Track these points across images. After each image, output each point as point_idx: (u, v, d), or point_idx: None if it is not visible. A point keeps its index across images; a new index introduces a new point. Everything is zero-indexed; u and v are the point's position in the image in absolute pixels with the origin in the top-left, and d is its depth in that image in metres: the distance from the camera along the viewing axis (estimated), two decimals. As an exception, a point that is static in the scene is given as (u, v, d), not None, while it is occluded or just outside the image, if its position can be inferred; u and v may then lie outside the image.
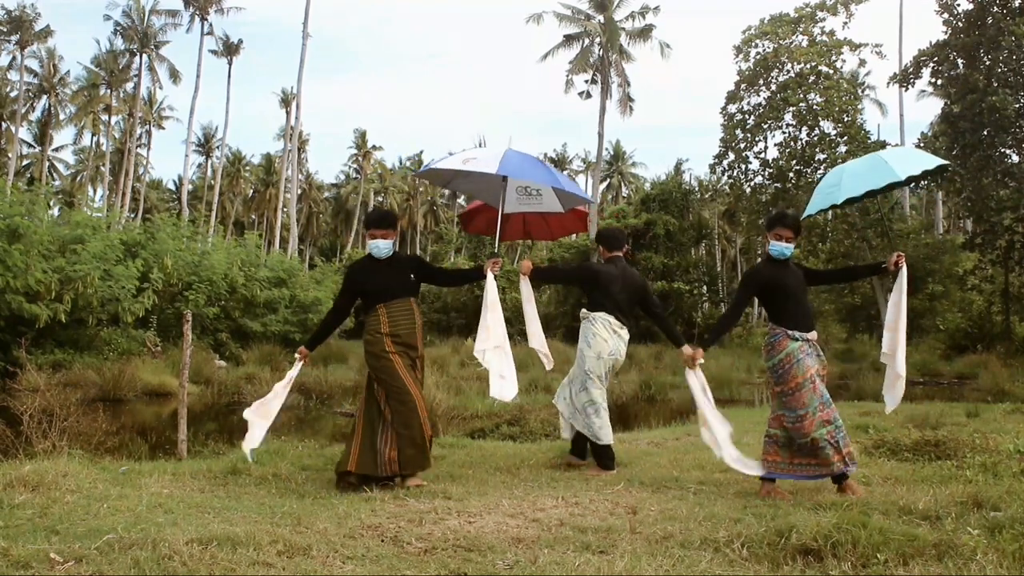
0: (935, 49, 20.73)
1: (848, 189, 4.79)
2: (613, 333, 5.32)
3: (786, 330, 4.50)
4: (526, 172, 5.09)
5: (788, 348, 4.46)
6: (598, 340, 5.29)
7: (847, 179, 4.86)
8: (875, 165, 4.88)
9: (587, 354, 5.30)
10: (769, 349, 4.57)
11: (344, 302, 5.13)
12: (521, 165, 5.05)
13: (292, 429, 9.65)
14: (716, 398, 5.03)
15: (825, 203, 4.98)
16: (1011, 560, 2.99)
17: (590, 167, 57.72)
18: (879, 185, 4.75)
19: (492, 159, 4.94)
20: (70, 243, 14.49)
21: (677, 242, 30.28)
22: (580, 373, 5.34)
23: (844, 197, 4.81)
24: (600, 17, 34.52)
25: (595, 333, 5.31)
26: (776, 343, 4.52)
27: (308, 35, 34.11)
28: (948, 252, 23.70)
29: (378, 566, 3.06)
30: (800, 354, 4.45)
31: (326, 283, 22.50)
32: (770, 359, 4.55)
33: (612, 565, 3.05)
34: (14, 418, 6.35)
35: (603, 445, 5.24)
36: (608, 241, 5.59)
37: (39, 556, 2.96)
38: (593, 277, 5.47)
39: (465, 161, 5.01)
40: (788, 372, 4.44)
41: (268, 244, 42.80)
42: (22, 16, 40.67)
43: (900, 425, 7.16)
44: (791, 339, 4.48)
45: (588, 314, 5.39)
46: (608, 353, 5.30)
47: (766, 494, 4.39)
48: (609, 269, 5.43)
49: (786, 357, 4.46)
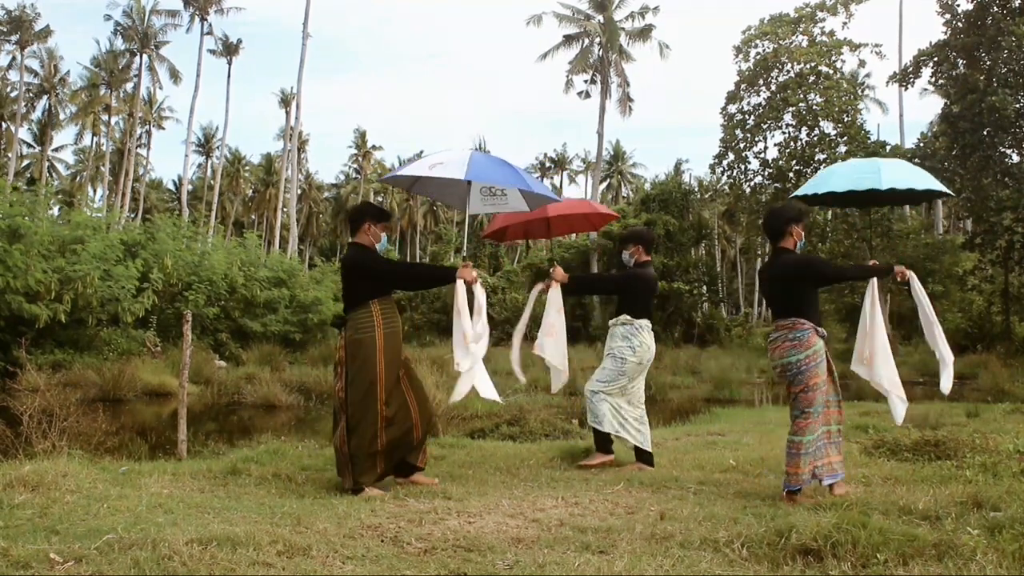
0: (935, 49, 20.76)
1: (831, 184, 4.79)
2: (653, 339, 5.43)
3: (815, 326, 4.38)
4: (492, 175, 4.99)
5: (816, 345, 4.35)
6: (644, 348, 5.33)
7: (837, 173, 4.87)
8: (867, 168, 4.85)
9: (630, 360, 5.32)
10: (794, 344, 4.35)
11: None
12: (487, 168, 4.97)
13: (292, 429, 9.66)
14: (716, 398, 5.03)
15: (809, 190, 4.96)
16: (1011, 560, 2.99)
17: (590, 167, 57.72)
18: (860, 187, 4.71)
19: (459, 164, 4.82)
20: (70, 243, 14.49)
21: (677, 242, 30.27)
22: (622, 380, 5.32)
23: (825, 190, 4.79)
24: (600, 17, 34.52)
25: (642, 341, 5.34)
26: (805, 339, 4.34)
27: (308, 35, 34.15)
28: (948, 252, 23.71)
29: (378, 566, 3.06)
30: (824, 353, 4.37)
31: (326, 283, 22.45)
32: (792, 354, 4.34)
33: (612, 565, 3.05)
34: (14, 418, 6.34)
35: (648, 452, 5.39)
36: (649, 243, 5.62)
37: (39, 556, 2.96)
38: (645, 285, 5.48)
39: (431, 167, 4.88)
40: (811, 369, 4.31)
41: (268, 244, 42.79)
42: (22, 16, 40.68)
43: (900, 425, 7.16)
44: (819, 336, 4.38)
45: (632, 321, 5.37)
46: (648, 359, 5.40)
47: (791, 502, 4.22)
48: (652, 274, 5.53)
49: (813, 354, 4.33)
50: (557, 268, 5.38)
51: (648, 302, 5.45)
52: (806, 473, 4.27)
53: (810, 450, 4.29)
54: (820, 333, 4.40)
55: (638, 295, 5.42)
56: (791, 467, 4.29)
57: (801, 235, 4.58)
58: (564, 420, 8.69)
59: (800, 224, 4.57)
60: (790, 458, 4.31)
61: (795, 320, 4.39)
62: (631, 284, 5.55)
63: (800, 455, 4.28)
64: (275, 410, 11.98)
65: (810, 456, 4.29)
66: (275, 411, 11.92)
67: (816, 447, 4.33)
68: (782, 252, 4.58)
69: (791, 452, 4.32)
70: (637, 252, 5.54)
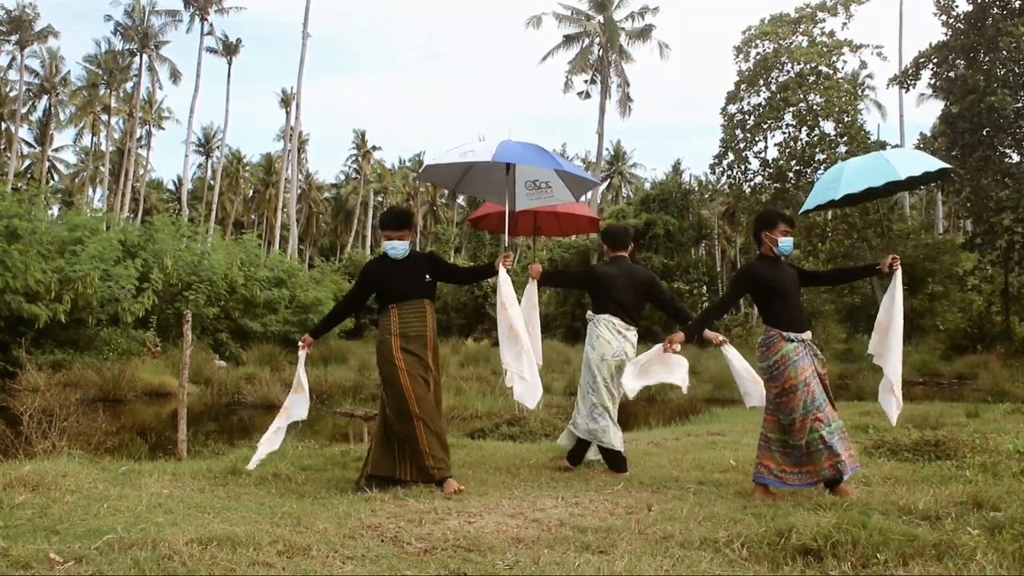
0: (935, 50, 20.77)
1: (848, 185, 4.75)
2: (617, 334, 5.29)
3: (780, 331, 4.45)
4: (526, 157, 4.99)
5: (783, 350, 4.41)
6: (601, 342, 5.27)
7: (847, 175, 4.82)
8: (876, 163, 4.84)
9: (591, 356, 5.28)
10: (764, 350, 4.50)
11: (355, 294, 5.09)
12: (521, 152, 4.98)
13: (291, 429, 9.65)
14: (716, 398, 5.04)
15: (824, 198, 4.91)
16: (1011, 560, 2.98)
17: (590, 167, 57.68)
18: (879, 183, 4.71)
19: (487, 148, 4.90)
20: (69, 244, 14.49)
21: (677, 242, 30.31)
22: (587, 376, 5.31)
23: (843, 193, 4.76)
24: (600, 17, 34.54)
25: (598, 335, 5.28)
26: (771, 345, 4.46)
27: (308, 35, 34.14)
28: (948, 252, 23.70)
29: (378, 566, 3.06)
30: (795, 356, 4.40)
31: (326, 283, 22.50)
32: (765, 360, 4.50)
33: (612, 565, 3.05)
34: (14, 418, 6.35)
35: (613, 450, 5.21)
36: (612, 240, 5.55)
37: (39, 556, 2.96)
38: (594, 280, 5.46)
39: (464, 153, 4.95)
40: (783, 374, 4.39)
41: (268, 244, 42.82)
42: (22, 16, 40.68)
43: (900, 425, 7.13)
44: (786, 340, 4.43)
45: (592, 316, 5.37)
46: (612, 355, 5.26)
47: (760, 496, 4.39)
48: (610, 270, 5.41)
49: (781, 359, 4.40)
50: (534, 264, 5.39)
51: (606, 297, 5.33)
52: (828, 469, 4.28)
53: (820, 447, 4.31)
54: (787, 337, 4.44)
55: (596, 291, 5.40)
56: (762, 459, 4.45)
57: (776, 240, 4.61)
58: (564, 420, 8.68)
59: (773, 230, 4.62)
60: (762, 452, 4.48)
61: (766, 327, 4.57)
62: (585, 280, 5.71)
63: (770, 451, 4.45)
64: (275, 410, 11.81)
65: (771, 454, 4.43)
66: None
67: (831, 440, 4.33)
68: (761, 258, 4.70)
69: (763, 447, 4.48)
70: (606, 250, 5.60)
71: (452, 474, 4.65)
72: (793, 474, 4.40)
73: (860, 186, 4.69)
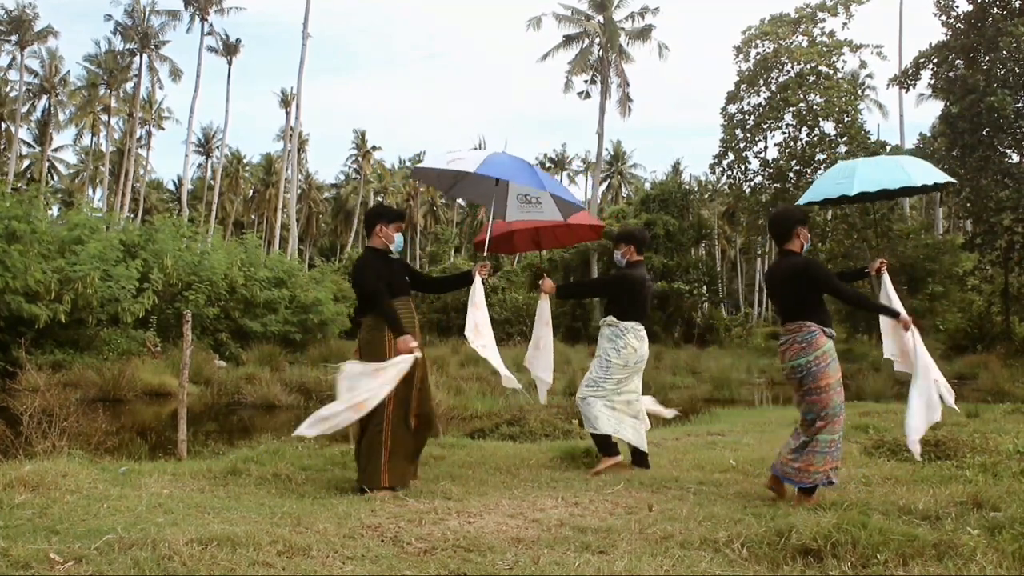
0: (935, 50, 20.79)
1: (863, 183, 4.72)
2: (642, 340, 5.29)
3: (822, 327, 4.37)
4: (511, 174, 4.88)
5: (825, 346, 4.34)
6: (629, 351, 5.23)
7: (862, 173, 4.78)
8: (891, 167, 4.85)
9: (615, 362, 5.23)
10: (804, 346, 4.34)
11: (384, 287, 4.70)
12: (508, 166, 4.90)
13: (292, 429, 9.64)
14: (716, 398, 5.03)
15: (835, 192, 4.87)
16: (1011, 560, 2.99)
17: (590, 167, 57.72)
18: (894, 186, 4.73)
19: (475, 159, 4.81)
20: (69, 244, 14.49)
21: (677, 242, 30.29)
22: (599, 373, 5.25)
23: (858, 190, 4.72)
24: (600, 17, 34.54)
25: (627, 343, 5.22)
26: (812, 340, 4.33)
27: (308, 35, 34.10)
28: (948, 252, 23.70)
29: (378, 566, 3.06)
30: (833, 353, 4.36)
31: (326, 283, 22.46)
32: (803, 356, 4.32)
33: (612, 565, 3.05)
34: (14, 418, 6.35)
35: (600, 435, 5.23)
36: (641, 243, 5.48)
37: (39, 556, 2.96)
38: (631, 287, 5.31)
39: (450, 161, 4.90)
40: (822, 370, 4.29)
41: (268, 244, 42.80)
42: (22, 16, 40.67)
43: (900, 425, 7.15)
44: (827, 336, 4.37)
45: (617, 323, 5.26)
46: (635, 362, 5.27)
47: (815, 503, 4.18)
48: (642, 275, 5.35)
49: (822, 355, 4.31)
50: (545, 280, 5.34)
51: (636, 304, 5.27)
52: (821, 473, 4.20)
53: (827, 450, 4.24)
54: (828, 334, 4.38)
55: (623, 297, 5.29)
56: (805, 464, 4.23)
57: (807, 237, 4.59)
58: (564, 420, 8.68)
59: (805, 226, 4.57)
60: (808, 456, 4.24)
61: (801, 323, 4.38)
62: (616, 286, 5.43)
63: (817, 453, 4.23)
64: (275, 410, 11.97)
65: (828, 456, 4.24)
66: (275, 411, 11.91)
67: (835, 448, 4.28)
68: (788, 254, 4.56)
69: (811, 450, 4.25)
70: (628, 252, 5.42)
71: (382, 485, 4.44)
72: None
73: (876, 187, 4.69)
